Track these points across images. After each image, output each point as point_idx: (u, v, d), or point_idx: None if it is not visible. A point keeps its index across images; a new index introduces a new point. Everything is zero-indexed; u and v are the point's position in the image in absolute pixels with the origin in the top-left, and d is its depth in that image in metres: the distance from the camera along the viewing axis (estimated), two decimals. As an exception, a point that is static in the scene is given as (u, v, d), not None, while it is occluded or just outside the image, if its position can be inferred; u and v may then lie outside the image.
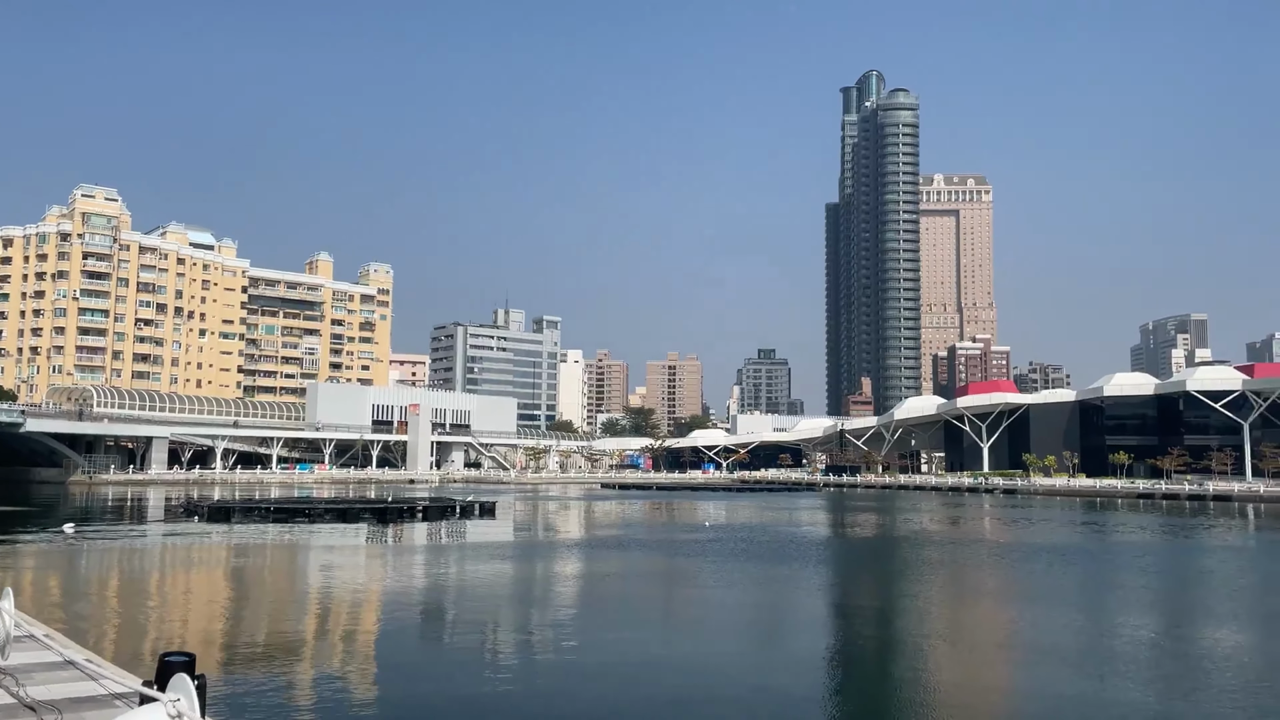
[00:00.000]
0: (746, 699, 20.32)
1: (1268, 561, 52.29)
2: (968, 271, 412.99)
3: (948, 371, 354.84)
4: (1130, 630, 29.07)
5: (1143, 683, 22.01)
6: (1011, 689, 22.25)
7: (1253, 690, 21.28)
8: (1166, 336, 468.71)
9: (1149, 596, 37.87)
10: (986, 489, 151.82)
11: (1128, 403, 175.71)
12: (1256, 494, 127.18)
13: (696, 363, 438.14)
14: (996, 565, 47.56)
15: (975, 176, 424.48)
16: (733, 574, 42.14)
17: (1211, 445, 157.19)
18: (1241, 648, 26.94)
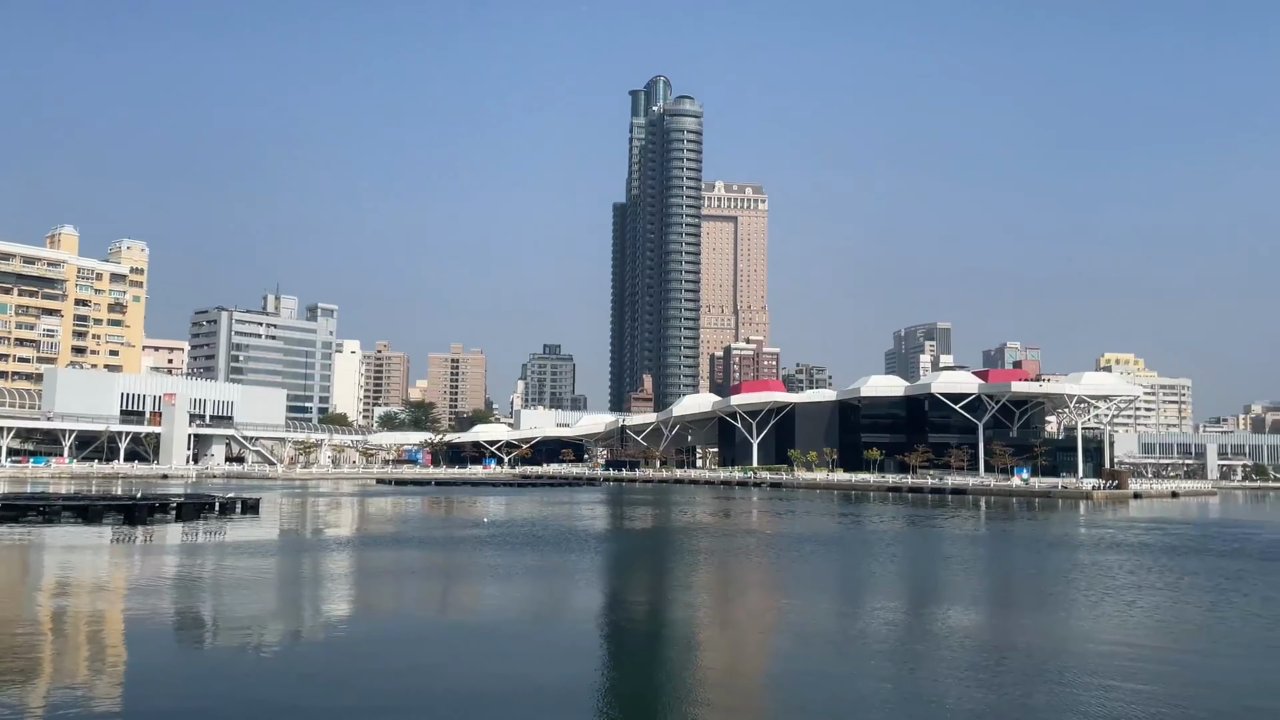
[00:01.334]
0: (518, 691, 20.24)
1: (996, 548, 58.06)
2: (744, 276, 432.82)
3: (723, 371, 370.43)
4: (881, 612, 31.41)
5: (892, 661, 23.81)
6: (774, 671, 23.45)
7: (989, 666, 23.53)
8: (916, 343, 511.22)
9: (897, 582, 41.08)
10: (755, 483, 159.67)
11: (881, 403, 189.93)
12: (987, 488, 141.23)
13: (481, 356, 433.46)
14: (763, 555, 50.08)
15: (753, 185, 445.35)
16: (511, 568, 41.96)
17: (951, 443, 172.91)
18: (978, 626, 29.78)
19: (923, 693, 20.43)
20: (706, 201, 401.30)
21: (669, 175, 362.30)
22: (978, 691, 20.48)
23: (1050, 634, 28.06)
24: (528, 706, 19.15)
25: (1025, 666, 22.92)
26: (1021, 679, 21.57)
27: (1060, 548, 56.19)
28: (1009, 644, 26.26)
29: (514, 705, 19.19)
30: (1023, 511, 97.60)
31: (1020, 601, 35.61)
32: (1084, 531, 70.64)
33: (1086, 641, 26.77)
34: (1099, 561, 47.89)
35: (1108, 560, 48.57)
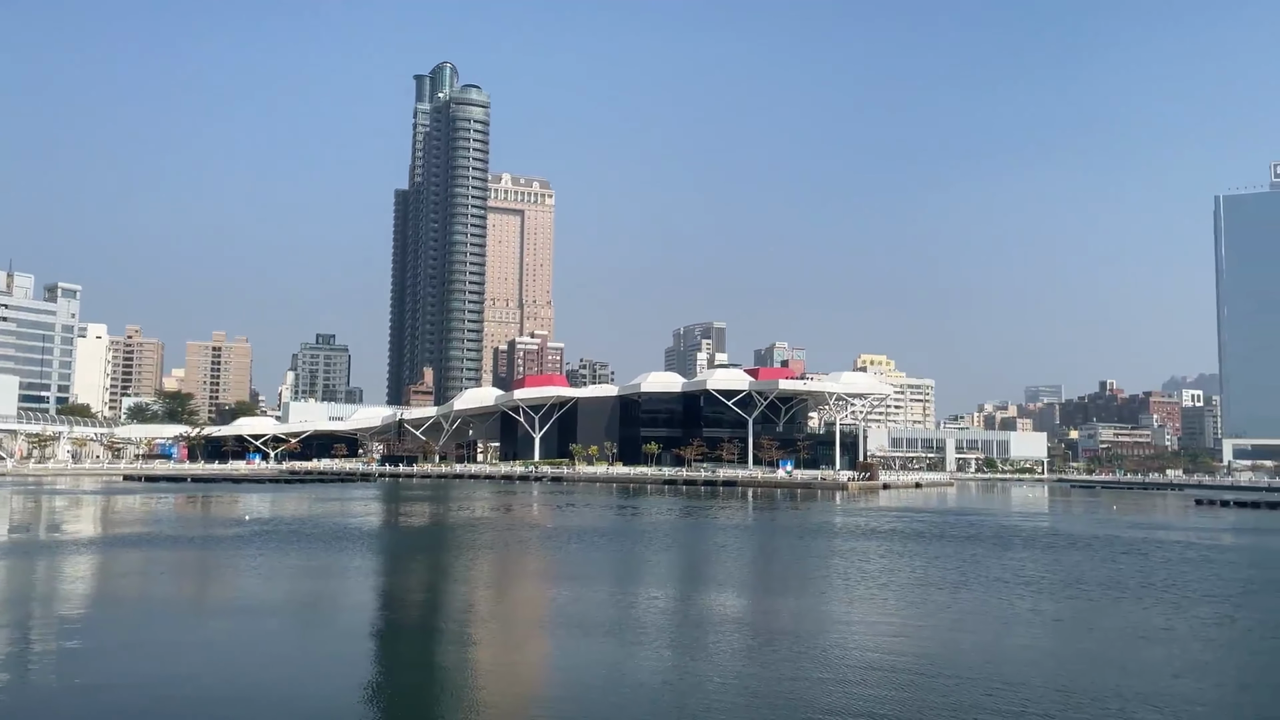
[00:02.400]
0: (278, 701, 19.17)
1: (762, 536, 61.07)
2: (530, 270, 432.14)
3: (507, 365, 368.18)
4: (657, 600, 32.25)
5: (665, 646, 24.47)
6: (550, 661, 23.50)
7: (757, 648, 24.66)
8: (694, 341, 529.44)
9: (671, 570, 42.34)
10: (536, 477, 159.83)
11: (660, 398, 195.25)
12: (755, 480, 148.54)
13: (246, 345, 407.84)
14: (541, 548, 50.16)
15: (540, 180, 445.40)
16: (276, 568, 39.74)
17: (724, 437, 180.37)
18: (747, 610, 31.18)
19: (694, 674, 21.13)
20: (493, 193, 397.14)
21: (454, 165, 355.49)
22: (747, 670, 21.45)
23: (812, 616, 29.85)
24: (290, 716, 18.16)
25: (791, 646, 24.22)
26: (788, 658, 22.79)
27: (820, 535, 59.88)
28: (776, 626, 27.67)
29: (275, 716, 18.14)
30: (786, 502, 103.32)
31: (785, 586, 37.62)
32: (840, 520, 75.65)
33: (845, 622, 28.67)
34: (855, 548, 51.44)
35: (863, 546, 52.26)
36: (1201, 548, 56.25)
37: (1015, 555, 48.98)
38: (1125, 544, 56.97)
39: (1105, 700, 19.17)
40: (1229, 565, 46.83)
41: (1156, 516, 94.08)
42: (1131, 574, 41.38)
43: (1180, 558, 48.79)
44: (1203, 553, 52.77)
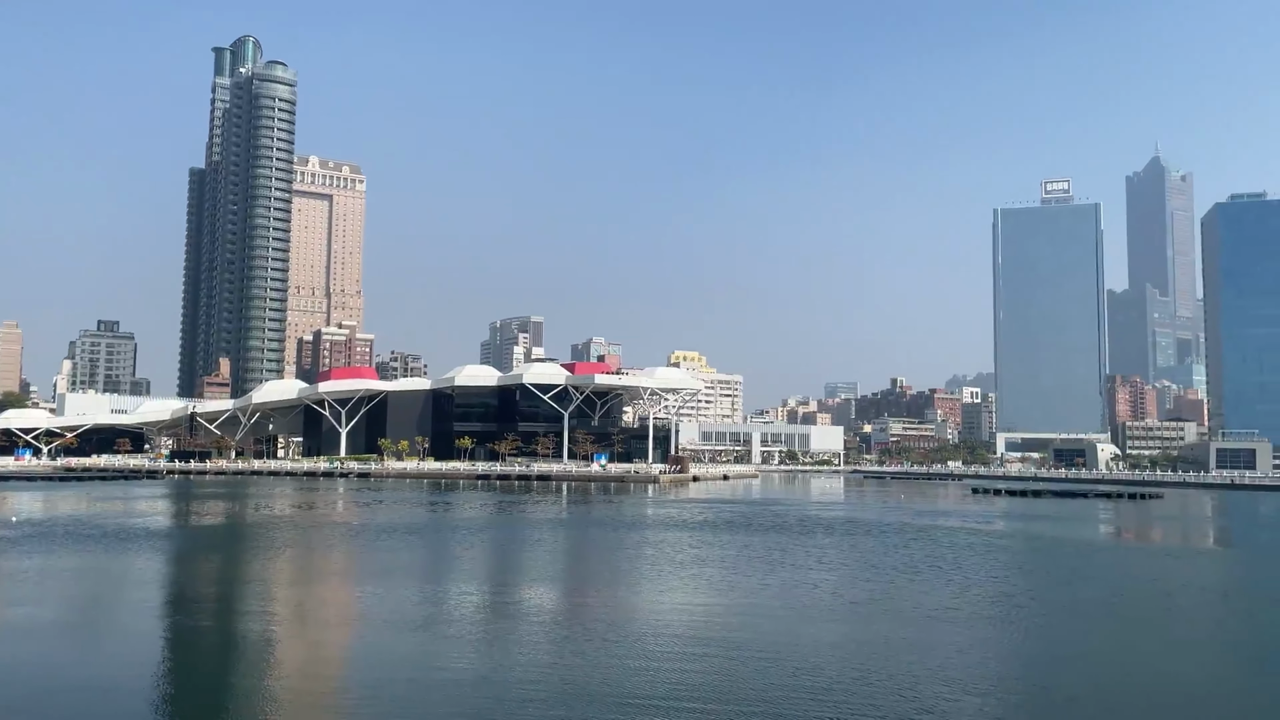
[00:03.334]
0: (63, 709, 17.36)
1: (576, 530, 61.19)
2: (338, 258, 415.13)
3: (312, 356, 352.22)
4: (469, 596, 31.58)
5: (478, 640, 23.94)
6: (353, 660, 22.48)
7: (570, 638, 24.52)
8: (511, 334, 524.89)
9: (484, 565, 41.65)
10: (342, 473, 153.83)
11: (475, 392, 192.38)
12: (570, 474, 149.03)
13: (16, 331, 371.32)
14: (346, 546, 48.20)
15: (350, 164, 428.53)
16: (47, 571, 36.16)
17: (540, 431, 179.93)
18: (561, 602, 31.02)
19: (508, 667, 20.78)
20: (299, 176, 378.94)
21: (257, 144, 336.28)
22: (562, 661, 21.28)
23: (626, 606, 30.07)
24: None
25: (606, 636, 24.25)
26: (603, 647, 22.78)
27: (633, 528, 60.66)
28: (590, 617, 27.66)
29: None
30: (601, 495, 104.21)
31: (599, 579, 37.78)
32: (652, 512, 77.00)
33: (658, 610, 29.06)
34: (667, 539, 52.39)
35: (674, 537, 53.30)
36: (979, 533, 60.98)
37: (817, 542, 51.34)
38: (914, 530, 60.91)
39: (899, 677, 20.25)
40: (1003, 549, 50.95)
41: (939, 504, 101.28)
42: (921, 558, 44.23)
43: (964, 543, 52.59)
44: (983, 538, 57.20)
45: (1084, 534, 63.96)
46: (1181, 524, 79.39)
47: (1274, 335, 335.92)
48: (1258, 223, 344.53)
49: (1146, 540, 63.51)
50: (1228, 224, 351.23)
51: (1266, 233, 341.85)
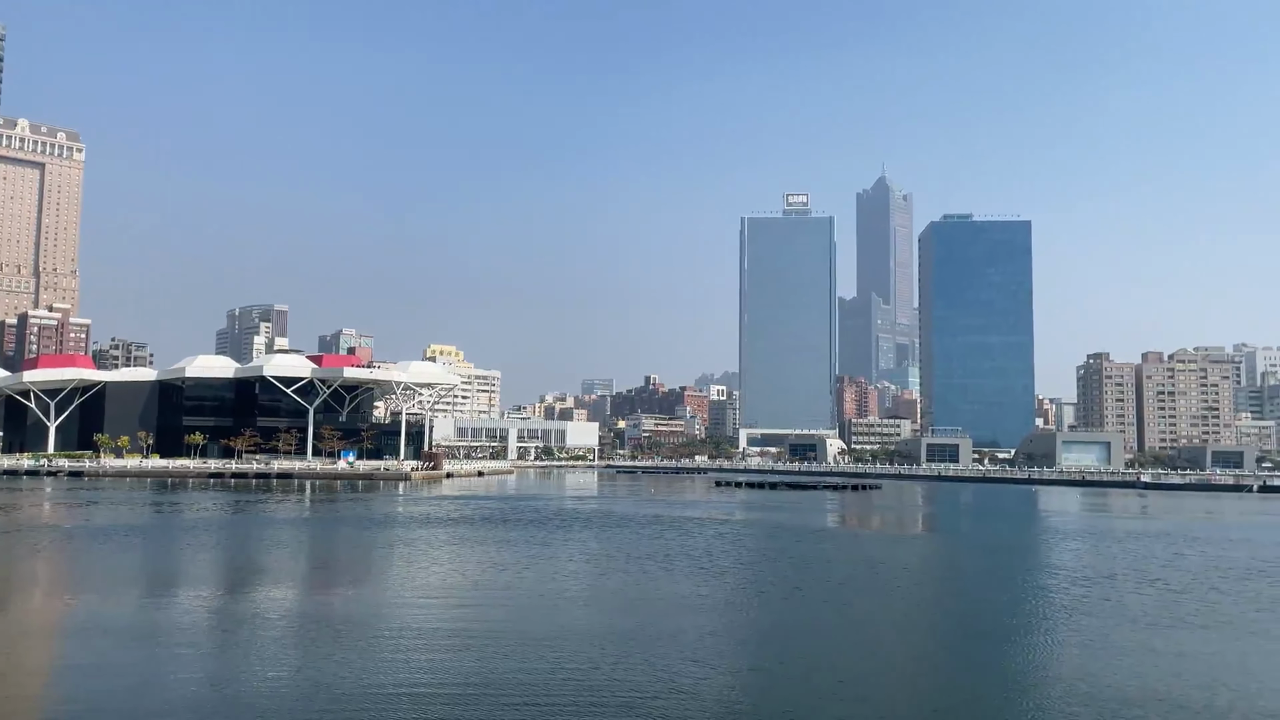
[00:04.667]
0: None
1: (320, 529, 58.36)
2: (50, 233, 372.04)
3: (15, 342, 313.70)
4: (197, 600, 29.24)
5: (211, 647, 22.19)
6: (67, 674, 20.17)
7: (311, 639, 23.24)
8: (251, 323, 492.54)
9: (214, 568, 38.75)
10: (50, 471, 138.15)
11: (209, 385, 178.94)
12: (314, 471, 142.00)
13: None
14: (57, 551, 43.29)
15: (68, 131, 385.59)
16: None
17: (282, 427, 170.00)
18: (301, 603, 29.37)
19: (244, 673, 19.41)
20: (4, 140, 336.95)
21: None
22: (309, 663, 20.13)
23: (377, 604, 28.99)
24: None
25: (357, 636, 23.22)
26: (353, 647, 21.79)
27: (383, 525, 58.71)
28: (338, 617, 26.41)
29: None
30: (347, 493, 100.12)
31: (347, 578, 36.20)
32: (403, 510, 74.93)
33: (412, 606, 28.23)
34: (420, 536, 51.13)
35: (428, 534, 52.12)
36: (724, 523, 64.21)
37: (574, 535, 51.97)
38: (667, 521, 63.15)
39: (654, 665, 20.86)
40: (746, 537, 53.89)
41: (687, 496, 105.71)
42: (674, 548, 45.88)
43: (713, 533, 55.13)
44: (728, 528, 60.25)
45: (814, 522, 68.89)
46: (896, 512, 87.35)
47: (976, 343, 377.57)
48: (965, 241, 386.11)
49: (867, 527, 69.33)
50: (940, 241, 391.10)
51: (972, 251, 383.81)
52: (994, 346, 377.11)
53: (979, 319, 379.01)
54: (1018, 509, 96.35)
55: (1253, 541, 55.19)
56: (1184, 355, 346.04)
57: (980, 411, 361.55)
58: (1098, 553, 47.25)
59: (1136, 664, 21.27)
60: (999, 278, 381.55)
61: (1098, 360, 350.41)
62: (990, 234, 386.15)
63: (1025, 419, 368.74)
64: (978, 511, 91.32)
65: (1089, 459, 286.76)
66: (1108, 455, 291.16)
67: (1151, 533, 61.79)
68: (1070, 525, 70.37)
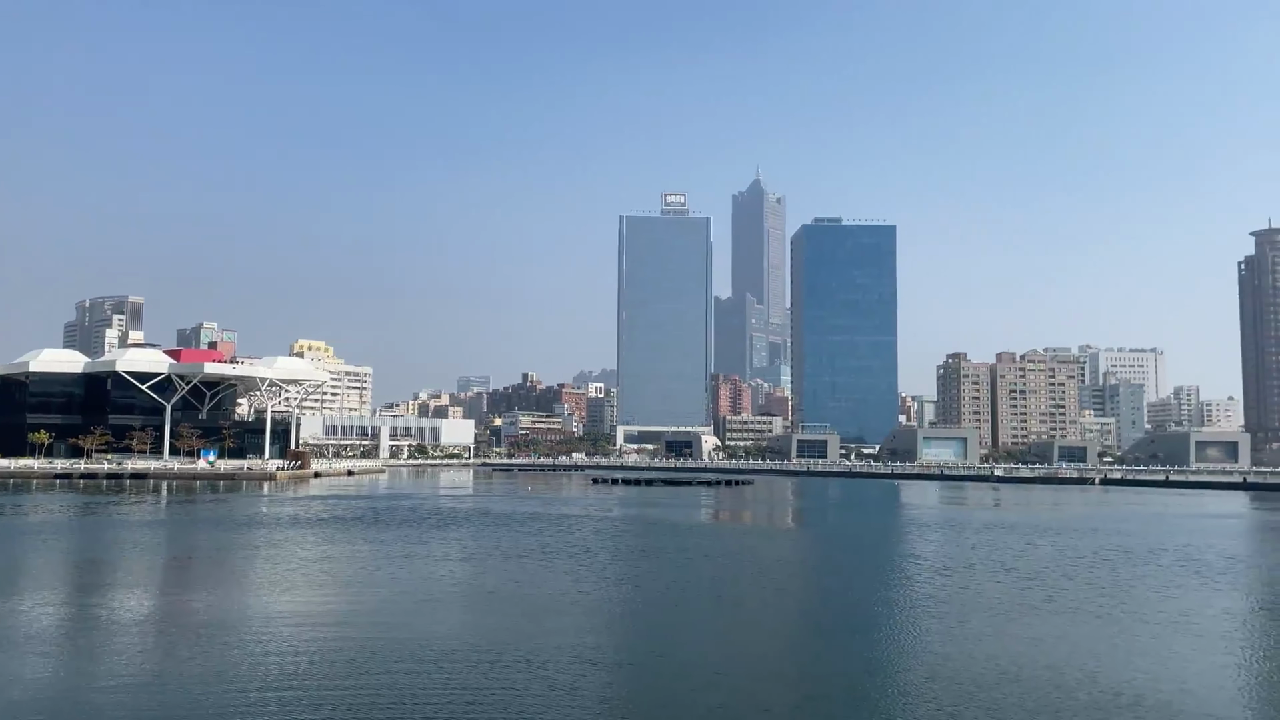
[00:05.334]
0: None
1: (173, 531, 55.57)
2: None
3: None
4: (41, 608, 27.42)
5: (59, 655, 20.83)
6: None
7: (173, 646, 22.08)
8: (103, 316, 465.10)
9: (62, 572, 36.45)
10: None
11: (55, 380, 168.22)
12: (172, 471, 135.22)
13: None
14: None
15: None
16: None
17: (136, 425, 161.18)
18: (158, 608, 27.88)
19: (95, 680, 18.29)
20: None
21: None
22: (165, 669, 19.10)
23: (235, 606, 27.81)
24: None
25: (219, 639, 22.20)
26: (215, 651, 20.83)
27: (245, 527, 56.41)
28: (196, 622, 25.17)
29: None
30: (207, 494, 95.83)
31: (207, 580, 34.58)
32: (267, 510, 72.20)
33: (279, 609, 27.18)
34: (289, 536, 49.33)
35: (295, 535, 50.33)
36: (601, 520, 64.42)
37: (450, 534, 51.14)
38: (544, 519, 62.88)
39: (533, 663, 20.73)
40: (625, 534, 54.20)
41: (564, 494, 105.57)
42: (554, 544, 45.70)
43: (593, 530, 55.19)
44: (609, 524, 60.44)
45: (689, 518, 69.89)
46: (768, 507, 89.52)
47: (844, 342, 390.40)
48: (834, 244, 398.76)
49: (740, 521, 70.77)
50: (811, 244, 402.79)
51: (840, 253, 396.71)
52: (861, 346, 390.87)
53: (847, 319, 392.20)
54: (882, 502, 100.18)
55: (1097, 531, 58.94)
56: (1034, 356, 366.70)
57: (848, 409, 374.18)
58: (956, 543, 49.55)
59: (992, 648, 22.39)
60: (865, 280, 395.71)
61: (956, 360, 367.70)
62: (857, 237, 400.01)
63: (889, 416, 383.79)
64: (844, 505, 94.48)
65: (947, 454, 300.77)
66: (964, 450, 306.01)
67: (1005, 524, 65.24)
68: (930, 517, 73.60)
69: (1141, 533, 57.97)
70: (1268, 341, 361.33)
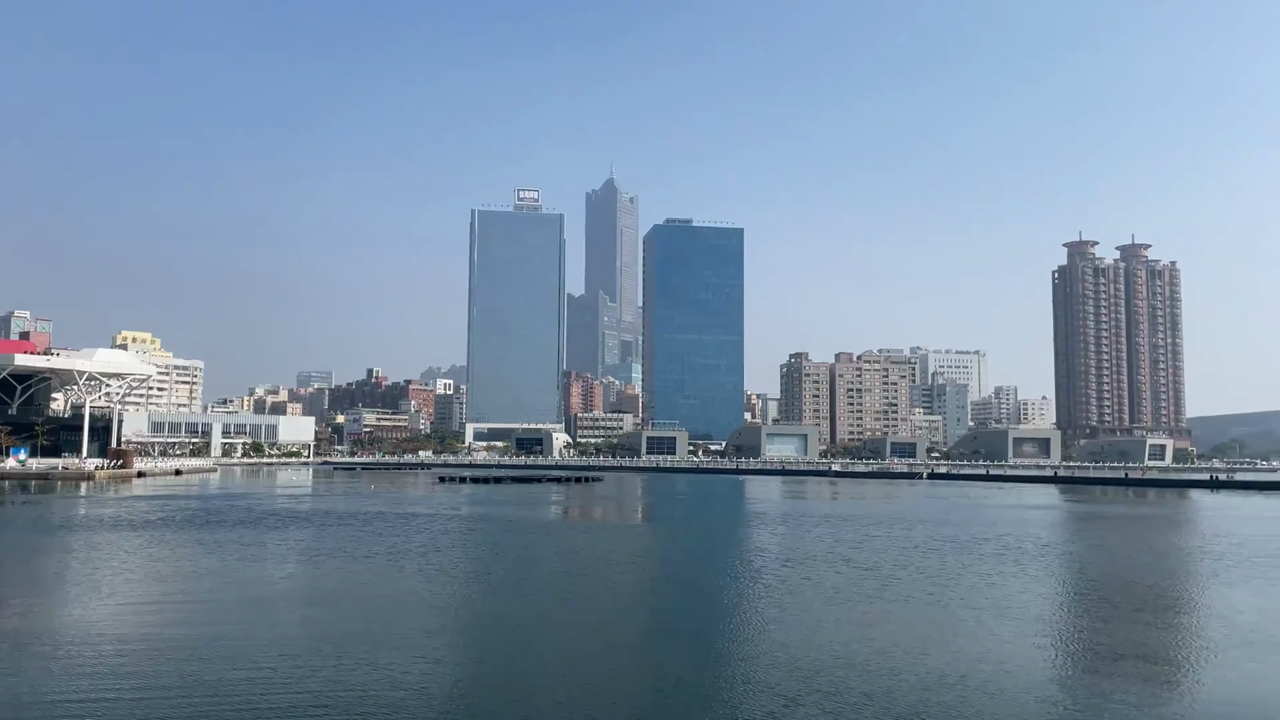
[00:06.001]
0: None
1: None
2: None
3: None
4: None
5: None
6: None
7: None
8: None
9: None
10: None
11: None
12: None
13: None
14: None
15: None
16: None
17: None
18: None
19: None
20: None
21: None
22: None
23: (53, 614, 25.83)
24: None
25: (27, 648, 20.51)
26: (20, 662, 19.24)
27: (62, 530, 52.54)
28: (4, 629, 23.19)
29: None
30: (18, 495, 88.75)
31: (16, 587, 31.89)
32: (86, 512, 67.52)
33: (96, 616, 25.41)
34: (110, 540, 46.23)
35: (116, 538, 47.24)
36: (450, 518, 63.35)
37: (290, 535, 49.14)
38: (390, 519, 61.25)
39: (378, 665, 20.16)
40: (474, 532, 53.50)
41: (409, 493, 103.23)
42: (400, 544, 44.58)
43: (441, 529, 54.18)
44: (458, 523, 59.46)
45: (538, 515, 69.68)
46: (618, 503, 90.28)
47: (693, 341, 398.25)
48: (684, 245, 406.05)
49: (590, 518, 71.07)
50: (662, 243, 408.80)
51: (690, 254, 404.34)
52: (709, 345, 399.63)
53: (696, 319, 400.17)
54: (727, 497, 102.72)
55: (926, 523, 62.29)
56: (870, 356, 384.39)
57: (696, 406, 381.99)
58: (798, 536, 51.35)
59: (830, 635, 23.32)
60: (715, 280, 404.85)
61: (798, 359, 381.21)
62: (707, 239, 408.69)
63: (736, 413, 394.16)
64: (691, 500, 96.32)
65: (789, 450, 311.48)
66: (805, 446, 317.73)
67: (842, 517, 68.08)
68: (773, 511, 76.00)
69: (965, 523, 61.69)
70: (1077, 345, 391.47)
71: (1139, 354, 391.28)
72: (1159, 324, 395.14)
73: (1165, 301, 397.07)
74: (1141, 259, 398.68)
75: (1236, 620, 25.95)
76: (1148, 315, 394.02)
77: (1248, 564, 39.38)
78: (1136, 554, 44.26)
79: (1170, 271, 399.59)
